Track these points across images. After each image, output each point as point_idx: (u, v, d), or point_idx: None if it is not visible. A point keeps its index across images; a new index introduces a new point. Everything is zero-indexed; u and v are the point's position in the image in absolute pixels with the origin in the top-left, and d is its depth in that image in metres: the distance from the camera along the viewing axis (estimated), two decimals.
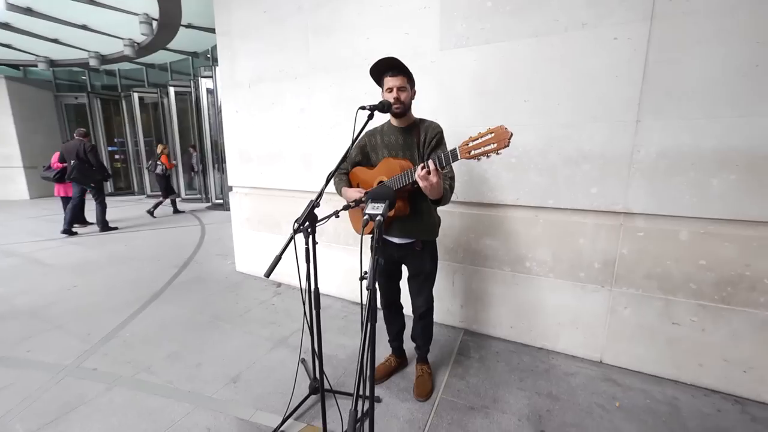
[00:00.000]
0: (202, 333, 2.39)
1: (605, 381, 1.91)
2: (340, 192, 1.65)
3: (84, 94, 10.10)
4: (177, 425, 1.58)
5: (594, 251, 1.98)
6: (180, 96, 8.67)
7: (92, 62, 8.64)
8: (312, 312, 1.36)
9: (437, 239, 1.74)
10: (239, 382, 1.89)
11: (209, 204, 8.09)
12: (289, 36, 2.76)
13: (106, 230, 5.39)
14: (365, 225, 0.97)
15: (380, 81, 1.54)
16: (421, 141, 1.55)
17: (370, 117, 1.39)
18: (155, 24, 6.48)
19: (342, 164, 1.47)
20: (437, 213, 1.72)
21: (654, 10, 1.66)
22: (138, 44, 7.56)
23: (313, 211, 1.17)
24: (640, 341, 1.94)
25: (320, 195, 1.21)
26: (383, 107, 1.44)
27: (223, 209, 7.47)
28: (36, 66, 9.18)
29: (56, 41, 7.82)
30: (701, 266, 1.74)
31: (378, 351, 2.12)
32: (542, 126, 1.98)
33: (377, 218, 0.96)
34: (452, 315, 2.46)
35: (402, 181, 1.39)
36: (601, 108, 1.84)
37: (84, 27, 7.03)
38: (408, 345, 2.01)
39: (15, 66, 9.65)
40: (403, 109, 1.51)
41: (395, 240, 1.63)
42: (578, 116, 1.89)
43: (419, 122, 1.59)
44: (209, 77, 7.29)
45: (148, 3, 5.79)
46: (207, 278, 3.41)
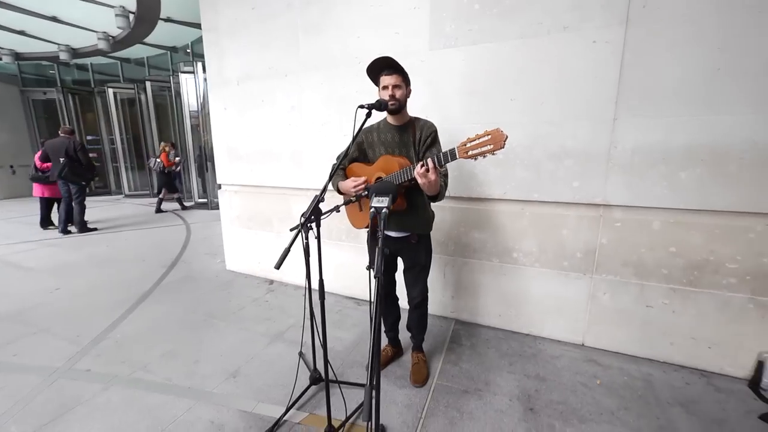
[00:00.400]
0: (197, 331, 2.38)
1: (587, 362, 2.05)
2: (336, 187, 1.70)
3: (53, 90, 9.63)
4: (180, 420, 1.60)
5: (576, 241, 2.11)
6: (158, 92, 8.40)
7: (63, 56, 8.23)
8: (313, 304, 1.41)
9: (431, 233, 1.82)
10: (239, 377, 1.91)
11: (192, 203, 7.91)
12: (279, 34, 2.76)
13: (85, 231, 5.20)
14: (372, 218, 1.03)
15: (377, 80, 1.60)
16: (417, 139, 1.62)
17: (368, 115, 1.44)
18: (132, 17, 6.25)
19: (343, 162, 1.51)
20: (431, 208, 1.79)
21: (629, 16, 1.78)
22: (113, 38, 7.26)
23: (318, 206, 1.22)
24: (618, 324, 2.09)
25: (324, 190, 1.26)
26: (380, 106, 1.50)
27: (207, 208, 7.33)
28: (0, 59, 8.65)
29: (23, 33, 7.41)
30: (671, 253, 1.90)
31: None
32: (528, 124, 2.09)
33: (383, 211, 1.03)
34: (444, 306, 2.56)
35: (400, 178, 1.45)
36: (582, 106, 1.96)
37: (54, 19, 6.69)
38: (403, 336, 2.09)
39: None
40: (398, 106, 1.57)
41: (392, 234, 1.70)
42: (561, 114, 2.01)
43: (414, 120, 1.66)
44: (190, 73, 7.10)
45: None
46: (197, 277, 3.37)
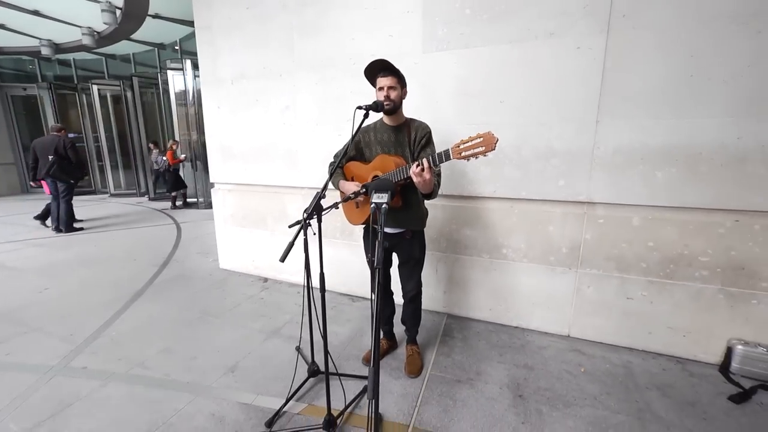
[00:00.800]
0: (193, 328, 2.40)
1: (572, 351, 2.16)
2: (337, 185, 1.76)
3: (34, 86, 9.34)
4: (181, 412, 1.63)
5: (562, 237, 2.22)
6: (146, 89, 8.25)
7: (44, 51, 8.02)
8: (312, 297, 1.46)
9: (425, 229, 1.89)
10: (237, 371, 1.95)
11: (181, 203, 7.80)
12: (274, 34, 2.79)
13: (71, 231, 5.10)
14: (373, 212, 1.09)
15: (374, 81, 1.66)
16: (412, 139, 1.69)
17: (366, 116, 1.50)
18: (119, 13, 6.14)
19: (333, 160, 1.57)
20: (425, 205, 1.87)
21: (610, 24, 1.89)
22: (98, 33, 7.12)
23: (320, 202, 1.28)
24: (601, 316, 2.21)
25: (325, 187, 1.32)
26: (377, 107, 1.56)
27: (197, 208, 7.25)
28: None
29: (2, 27, 7.19)
30: (649, 247, 2.02)
31: (369, 336, 2.26)
32: (516, 124, 2.18)
33: (383, 206, 1.09)
34: (436, 301, 2.64)
35: (396, 177, 1.52)
36: (568, 109, 2.06)
37: (35, 12, 6.52)
38: (398, 330, 2.16)
39: None
40: (393, 107, 1.63)
41: (387, 230, 1.76)
42: (548, 116, 2.11)
43: (410, 121, 1.73)
44: (179, 70, 7.01)
45: None
46: (190, 276, 3.37)
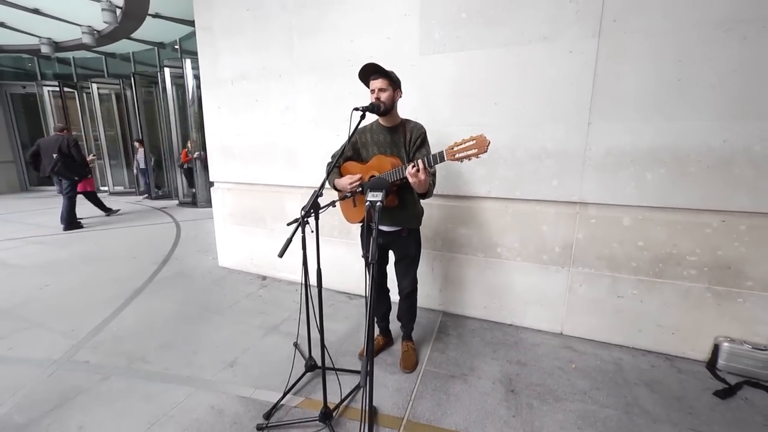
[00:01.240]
0: (193, 324, 2.44)
1: (564, 348, 2.21)
2: (333, 184, 1.80)
3: (33, 83, 9.35)
4: (181, 405, 1.67)
5: (555, 237, 2.27)
6: (145, 88, 8.27)
7: (44, 49, 8.02)
8: (310, 294, 1.50)
9: (420, 228, 1.94)
10: (236, 366, 1.99)
11: (177, 201, 7.83)
12: (274, 35, 2.83)
13: (72, 228, 5.14)
14: (368, 210, 1.14)
15: (367, 84, 1.71)
16: (407, 140, 1.73)
17: (363, 117, 1.55)
18: (119, 12, 6.16)
19: (331, 160, 1.62)
20: (421, 204, 1.91)
21: (601, 29, 1.94)
22: (98, 32, 7.13)
23: (317, 200, 1.32)
24: (593, 314, 2.26)
25: (322, 186, 1.37)
26: (373, 108, 1.60)
27: (195, 206, 7.28)
28: None
29: (2, 25, 7.21)
30: (640, 247, 2.07)
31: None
32: (511, 126, 2.23)
33: (377, 204, 1.14)
34: (432, 299, 2.68)
35: (392, 177, 1.56)
36: (560, 111, 2.11)
37: (35, 11, 6.54)
38: (393, 326, 2.20)
39: None
40: (385, 108, 1.67)
41: (384, 228, 1.81)
42: (541, 118, 2.16)
43: (405, 122, 1.77)
44: (179, 68, 7.03)
45: None
46: (190, 274, 3.41)
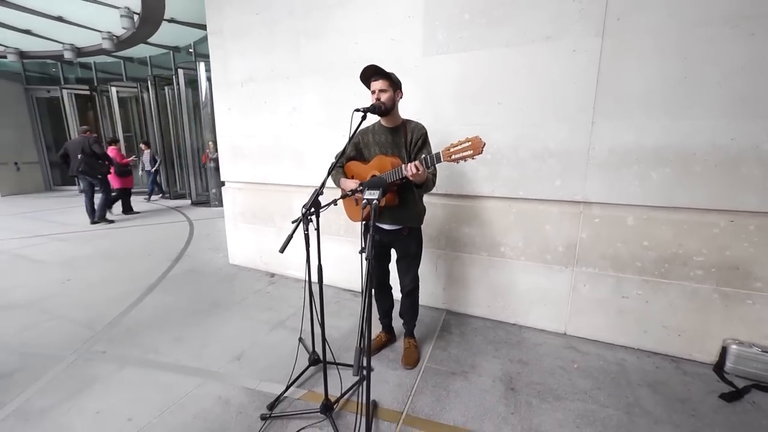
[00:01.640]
0: (203, 319, 2.54)
1: (567, 348, 2.20)
2: (338, 183, 1.85)
3: (57, 87, 9.76)
4: (191, 394, 1.75)
5: (558, 236, 2.26)
6: (161, 91, 8.52)
7: (67, 55, 8.37)
8: (313, 292, 1.56)
9: (422, 227, 1.97)
10: (243, 359, 2.07)
11: (190, 201, 8.04)
12: (281, 38, 2.91)
13: (101, 222, 5.54)
14: (364, 208, 1.18)
15: (369, 85, 1.75)
16: (408, 140, 1.77)
17: (364, 118, 1.59)
18: (137, 18, 6.39)
19: (340, 159, 1.67)
20: (422, 204, 1.94)
21: (605, 27, 1.93)
22: (117, 38, 7.40)
23: (318, 199, 1.37)
24: (597, 314, 2.24)
25: (323, 185, 1.41)
26: (374, 109, 1.64)
27: (208, 206, 7.47)
28: (5, 57, 8.78)
29: (28, 32, 7.56)
30: (644, 247, 2.05)
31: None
32: (514, 125, 2.24)
33: (374, 202, 1.18)
34: (436, 297, 2.71)
35: (393, 177, 1.60)
36: (563, 110, 2.11)
37: (59, 19, 6.84)
38: (396, 324, 2.24)
39: None
40: (385, 109, 1.70)
41: (386, 226, 1.85)
42: (544, 117, 2.16)
43: (406, 123, 1.80)
44: (193, 71, 7.23)
45: None
46: (201, 270, 3.52)
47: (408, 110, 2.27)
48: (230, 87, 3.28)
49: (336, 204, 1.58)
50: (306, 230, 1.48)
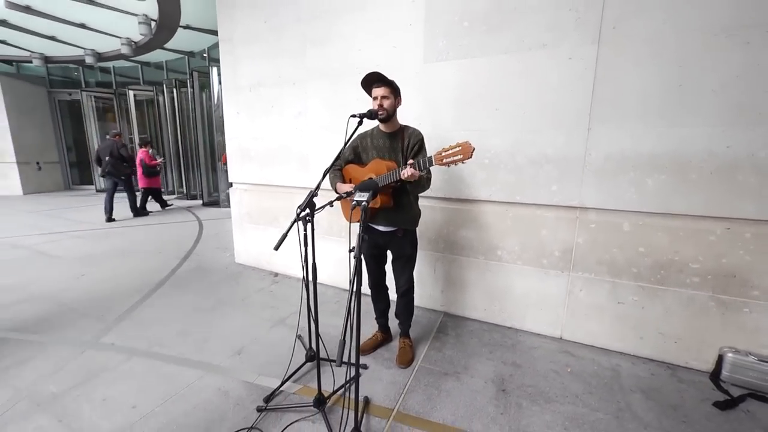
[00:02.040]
0: (207, 315, 2.63)
1: (562, 353, 2.21)
2: (335, 186, 1.92)
3: (78, 91, 10.16)
4: (192, 386, 1.83)
5: (555, 241, 2.28)
6: (178, 93, 8.80)
7: (88, 59, 8.71)
8: (310, 290, 1.62)
9: (418, 229, 2.02)
10: (243, 354, 2.14)
11: (202, 201, 8.23)
12: (288, 44, 3.01)
13: (139, 216, 6.28)
14: (353, 209, 1.24)
15: (370, 91, 1.81)
16: (405, 145, 1.83)
17: (360, 123, 1.66)
18: (154, 25, 6.63)
19: (336, 162, 1.74)
20: (418, 206, 1.99)
21: (601, 35, 1.96)
22: (135, 43, 7.69)
23: (312, 200, 1.44)
24: (593, 319, 2.25)
25: (318, 187, 1.48)
26: (371, 115, 1.71)
27: (218, 206, 7.65)
28: (30, 62, 9.20)
29: (53, 38, 7.90)
30: (640, 253, 2.05)
31: (366, 328, 2.39)
32: (511, 131, 2.27)
33: (362, 203, 1.24)
34: (434, 299, 2.75)
35: (388, 179, 1.66)
36: (560, 116, 2.13)
37: (82, 25, 7.14)
38: (393, 324, 2.28)
39: (8, 62, 9.67)
40: (386, 115, 1.77)
41: (381, 228, 1.91)
42: (541, 123, 2.19)
43: (404, 128, 1.86)
44: (206, 75, 7.46)
45: (148, 4, 5.96)
46: (208, 269, 3.64)
47: (408, 116, 2.34)
48: (239, 91, 3.40)
49: (332, 206, 1.64)
50: (304, 230, 1.55)
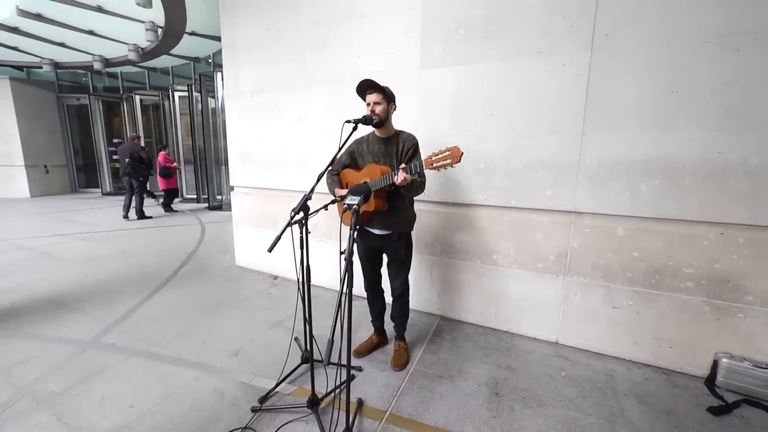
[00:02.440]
0: (207, 316, 2.66)
1: (557, 357, 2.21)
2: (332, 190, 1.96)
3: (86, 95, 10.35)
4: (189, 386, 1.86)
5: (550, 245, 2.29)
6: (182, 99, 8.94)
7: (96, 65, 8.90)
8: (309, 294, 1.65)
9: (415, 233, 2.04)
10: (240, 355, 2.17)
11: (207, 204, 8.32)
12: (289, 51, 3.07)
13: (142, 218, 6.39)
14: (344, 212, 1.27)
15: (364, 98, 1.86)
16: (399, 150, 1.86)
17: (354, 129, 1.70)
18: (160, 31, 6.78)
19: (331, 167, 1.78)
20: (413, 210, 2.02)
21: (594, 42, 1.99)
22: (142, 49, 7.84)
23: (306, 204, 1.47)
24: (588, 323, 2.25)
25: (312, 191, 1.52)
26: (366, 120, 1.75)
27: (221, 210, 7.72)
28: (41, 68, 9.41)
29: (63, 45, 8.09)
30: (635, 257, 2.06)
31: (362, 332, 2.42)
32: (506, 136, 2.30)
33: (353, 207, 1.27)
34: (430, 303, 2.76)
35: (381, 183, 1.69)
36: (554, 122, 2.16)
37: (91, 32, 7.30)
38: (389, 327, 2.30)
39: (19, 67, 9.90)
40: (379, 120, 1.81)
41: (376, 231, 1.94)
42: (536, 129, 2.22)
43: (399, 134, 1.90)
44: (210, 81, 7.58)
45: (155, 11, 6.09)
46: (209, 271, 3.68)
47: (406, 121, 2.38)
48: (241, 96, 3.46)
49: (327, 209, 1.68)
50: (300, 233, 1.58)
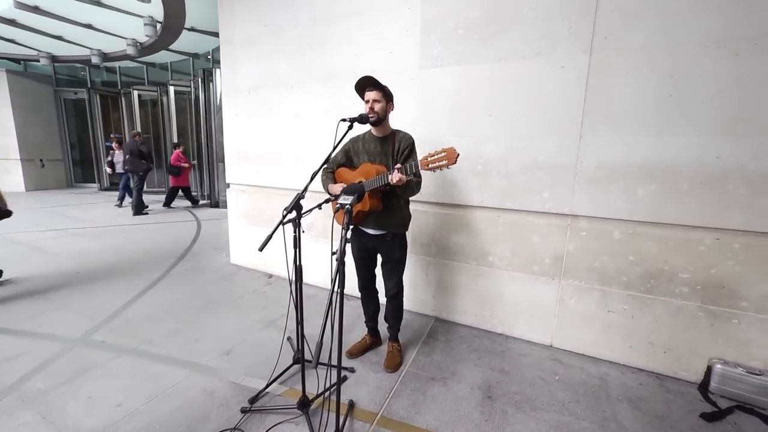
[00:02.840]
0: (199, 315, 2.64)
1: (551, 360, 2.20)
2: (326, 188, 1.93)
3: (84, 90, 10.28)
4: (178, 385, 1.83)
5: (546, 248, 2.28)
6: (179, 95, 8.89)
7: (94, 59, 8.83)
8: (292, 292, 1.63)
9: (410, 234, 2.02)
10: (232, 355, 2.14)
11: (204, 201, 8.29)
12: (286, 48, 3.05)
13: (140, 213, 6.36)
14: (336, 212, 1.25)
15: (363, 95, 1.84)
16: (395, 150, 1.84)
17: (350, 127, 1.68)
18: (159, 26, 6.72)
19: (327, 165, 1.76)
20: (408, 210, 2.00)
21: (593, 45, 1.98)
22: (141, 44, 7.78)
23: (299, 202, 1.45)
24: (583, 327, 2.24)
25: (305, 189, 1.50)
26: (361, 119, 1.73)
27: (218, 207, 7.68)
28: (38, 61, 9.33)
29: (60, 38, 8.01)
30: (630, 261, 2.05)
31: (356, 332, 2.40)
32: (504, 138, 2.29)
33: (346, 206, 1.26)
34: (425, 304, 2.74)
35: (376, 183, 1.67)
36: (552, 124, 2.15)
37: (89, 26, 7.24)
38: (383, 327, 2.28)
39: (16, 60, 9.81)
40: (377, 119, 1.79)
41: (370, 231, 1.92)
42: (533, 130, 2.20)
43: (395, 132, 1.88)
44: (209, 78, 7.53)
45: (154, 6, 6.05)
46: (203, 268, 3.65)
47: (404, 121, 2.36)
48: (238, 93, 3.43)
49: (320, 208, 1.66)
50: (293, 232, 1.56)
